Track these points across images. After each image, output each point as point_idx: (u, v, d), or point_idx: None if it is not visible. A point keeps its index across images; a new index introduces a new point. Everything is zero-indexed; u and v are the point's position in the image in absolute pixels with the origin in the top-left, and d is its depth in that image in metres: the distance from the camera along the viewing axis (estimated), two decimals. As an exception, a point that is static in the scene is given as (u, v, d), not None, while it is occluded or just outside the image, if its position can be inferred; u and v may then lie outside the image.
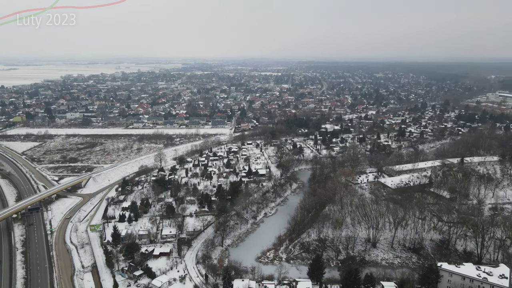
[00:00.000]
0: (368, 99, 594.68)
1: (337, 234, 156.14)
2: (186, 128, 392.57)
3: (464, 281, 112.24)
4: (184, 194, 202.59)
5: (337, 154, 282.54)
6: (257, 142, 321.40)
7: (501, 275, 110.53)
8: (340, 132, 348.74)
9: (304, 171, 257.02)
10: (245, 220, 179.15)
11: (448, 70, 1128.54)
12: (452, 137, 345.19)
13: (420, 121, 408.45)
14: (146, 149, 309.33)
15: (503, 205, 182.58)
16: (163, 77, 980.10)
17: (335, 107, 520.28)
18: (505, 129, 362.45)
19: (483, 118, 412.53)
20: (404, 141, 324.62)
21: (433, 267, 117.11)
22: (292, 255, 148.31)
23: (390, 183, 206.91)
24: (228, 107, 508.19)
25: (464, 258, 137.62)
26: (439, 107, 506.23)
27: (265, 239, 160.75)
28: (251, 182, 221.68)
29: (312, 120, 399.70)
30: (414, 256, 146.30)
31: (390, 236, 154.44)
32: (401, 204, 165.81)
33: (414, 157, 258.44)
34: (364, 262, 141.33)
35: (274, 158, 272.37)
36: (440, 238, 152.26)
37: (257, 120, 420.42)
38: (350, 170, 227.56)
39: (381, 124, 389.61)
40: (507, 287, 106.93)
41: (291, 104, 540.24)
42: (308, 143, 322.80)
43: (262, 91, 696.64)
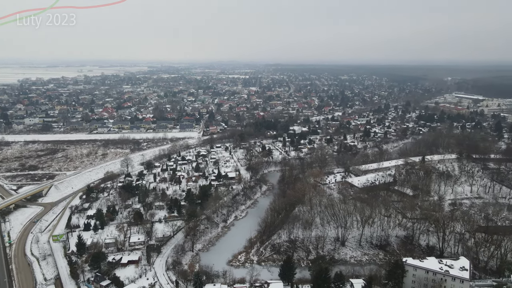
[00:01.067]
0: (334, 101, 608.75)
1: (307, 234, 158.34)
2: (154, 132, 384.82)
3: (428, 274, 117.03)
4: (153, 199, 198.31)
5: (305, 155, 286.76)
6: (226, 145, 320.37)
7: (462, 267, 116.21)
8: (308, 134, 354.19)
9: (274, 173, 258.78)
10: (215, 224, 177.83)
11: (408, 72, 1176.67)
12: (413, 136, 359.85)
13: (383, 122, 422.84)
14: (111, 154, 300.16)
15: (461, 200, 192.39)
16: (129, 80, 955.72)
17: (303, 109, 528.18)
18: (462, 128, 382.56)
19: (442, 118, 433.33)
20: (369, 141, 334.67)
21: (399, 263, 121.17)
22: (263, 257, 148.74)
23: (357, 183, 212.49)
24: (196, 110, 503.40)
25: (427, 253, 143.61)
26: (401, 108, 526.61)
27: (236, 242, 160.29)
28: (220, 186, 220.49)
29: (280, 122, 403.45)
30: (381, 252, 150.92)
31: (358, 234, 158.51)
32: (368, 202, 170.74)
33: (379, 156, 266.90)
34: (333, 261, 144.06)
35: (244, 160, 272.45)
36: (405, 234, 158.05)
37: (225, 123, 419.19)
38: (319, 171, 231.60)
39: (347, 125, 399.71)
40: (467, 278, 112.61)
41: (259, 107, 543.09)
42: (276, 145, 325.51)
43: (230, 94, 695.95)
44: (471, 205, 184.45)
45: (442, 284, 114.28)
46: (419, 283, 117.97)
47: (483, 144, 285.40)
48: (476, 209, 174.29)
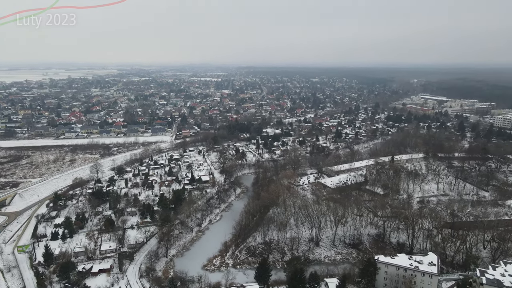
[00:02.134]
0: (306, 103, 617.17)
1: (282, 236, 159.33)
2: (124, 136, 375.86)
3: (399, 271, 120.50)
4: (124, 205, 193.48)
5: (278, 157, 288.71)
6: (199, 148, 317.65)
7: (430, 263, 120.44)
8: (281, 136, 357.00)
9: (248, 175, 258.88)
10: (189, 229, 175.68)
11: (376, 74, 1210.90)
12: (383, 137, 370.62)
13: (354, 123, 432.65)
14: (80, 160, 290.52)
15: (428, 198, 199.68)
16: (97, 83, 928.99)
17: (275, 111, 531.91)
18: (427, 128, 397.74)
19: (409, 119, 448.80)
20: (341, 142, 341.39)
21: (371, 261, 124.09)
22: (238, 260, 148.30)
23: (329, 183, 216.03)
24: (168, 114, 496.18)
25: (398, 250, 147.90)
26: (371, 109, 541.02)
27: (211, 246, 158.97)
28: (194, 190, 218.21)
29: (254, 124, 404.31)
30: (354, 251, 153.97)
31: (331, 234, 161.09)
32: (341, 202, 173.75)
33: (351, 157, 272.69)
34: (308, 261, 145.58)
35: (217, 164, 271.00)
36: (376, 232, 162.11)
37: (198, 126, 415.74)
38: (292, 173, 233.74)
39: (319, 126, 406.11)
40: (435, 273, 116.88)
41: (232, 109, 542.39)
42: (250, 147, 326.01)
43: (203, 97, 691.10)
44: (437, 202, 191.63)
45: (412, 279, 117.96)
46: (391, 280, 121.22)
47: (447, 143, 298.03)
48: (443, 206, 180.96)
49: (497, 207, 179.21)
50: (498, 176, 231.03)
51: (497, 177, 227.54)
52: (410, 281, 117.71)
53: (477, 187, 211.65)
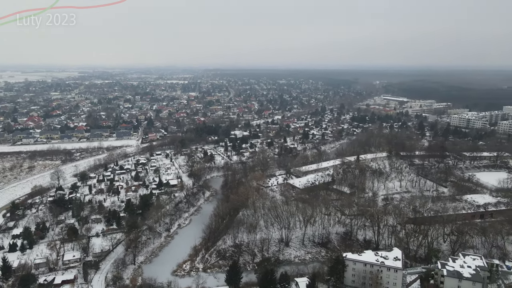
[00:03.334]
0: (273, 104, 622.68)
1: (252, 237, 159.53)
2: (88, 141, 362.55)
3: (366, 267, 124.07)
4: (89, 213, 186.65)
5: (247, 159, 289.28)
6: (167, 152, 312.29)
7: (395, 258, 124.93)
8: (249, 138, 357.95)
9: (216, 178, 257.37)
10: (158, 234, 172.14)
11: (341, 76, 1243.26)
12: (348, 137, 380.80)
13: (321, 124, 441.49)
14: (39, 167, 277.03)
15: (392, 195, 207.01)
16: (57, 86, 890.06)
17: (243, 113, 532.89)
18: (390, 128, 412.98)
19: (372, 119, 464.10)
20: (308, 143, 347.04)
21: (339, 258, 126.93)
22: (209, 264, 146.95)
23: (298, 184, 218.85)
24: (134, 117, 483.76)
25: (364, 246, 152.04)
26: (336, 110, 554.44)
27: (180, 251, 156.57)
28: (162, 194, 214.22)
29: (222, 127, 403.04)
30: (323, 250, 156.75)
31: (301, 234, 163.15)
32: (309, 202, 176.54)
33: (318, 157, 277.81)
34: (279, 262, 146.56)
35: (185, 167, 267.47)
36: (344, 230, 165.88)
37: (165, 129, 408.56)
38: (261, 174, 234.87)
39: (287, 128, 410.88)
40: (400, 267, 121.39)
41: (200, 112, 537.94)
42: (218, 150, 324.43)
43: (169, 99, 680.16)
44: (401, 199, 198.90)
45: (379, 275, 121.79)
46: (358, 276, 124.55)
47: (409, 142, 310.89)
48: (406, 202, 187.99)
49: (455, 202, 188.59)
50: (455, 172, 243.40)
51: (454, 174, 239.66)
52: (376, 277, 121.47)
53: (437, 184, 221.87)
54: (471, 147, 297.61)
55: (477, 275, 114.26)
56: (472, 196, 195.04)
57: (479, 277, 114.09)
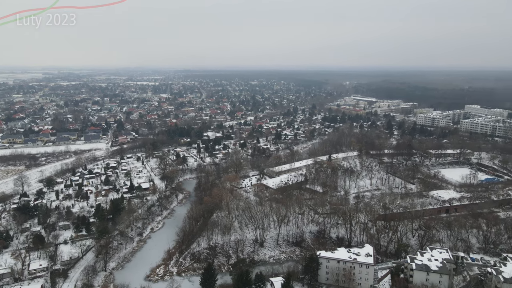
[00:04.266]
0: (246, 105, 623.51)
1: (226, 239, 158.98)
2: (54, 145, 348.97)
3: (339, 264, 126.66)
4: (56, 219, 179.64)
5: (220, 160, 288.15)
6: (138, 155, 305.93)
7: (367, 254, 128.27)
8: (222, 139, 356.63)
9: (190, 180, 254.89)
10: (130, 239, 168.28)
11: (312, 77, 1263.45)
12: (320, 137, 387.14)
13: (293, 124, 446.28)
14: (1, 173, 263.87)
15: (363, 193, 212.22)
16: (20, 88, 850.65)
17: (216, 114, 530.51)
18: (360, 128, 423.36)
19: (343, 119, 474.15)
20: (281, 144, 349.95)
21: (313, 256, 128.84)
22: (183, 267, 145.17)
23: (271, 184, 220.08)
24: (103, 120, 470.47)
25: (337, 244, 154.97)
26: (308, 110, 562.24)
27: (153, 255, 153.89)
28: (134, 198, 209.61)
29: (194, 128, 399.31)
30: (297, 249, 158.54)
31: (275, 234, 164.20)
32: (283, 202, 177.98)
33: (291, 157, 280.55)
34: (254, 263, 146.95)
35: (157, 170, 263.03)
36: (317, 229, 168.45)
37: (136, 132, 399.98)
38: (234, 175, 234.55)
39: (260, 129, 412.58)
40: (372, 263, 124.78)
41: (171, 114, 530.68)
42: (191, 152, 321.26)
43: (140, 101, 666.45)
44: (371, 196, 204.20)
45: (352, 271, 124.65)
46: (332, 273, 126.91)
47: (378, 141, 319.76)
48: (376, 199, 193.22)
49: (422, 198, 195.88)
50: (422, 169, 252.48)
51: (421, 171, 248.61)
52: (349, 273, 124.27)
53: (405, 181, 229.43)
54: (436, 145, 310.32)
55: (443, 268, 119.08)
56: (438, 192, 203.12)
57: (445, 269, 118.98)
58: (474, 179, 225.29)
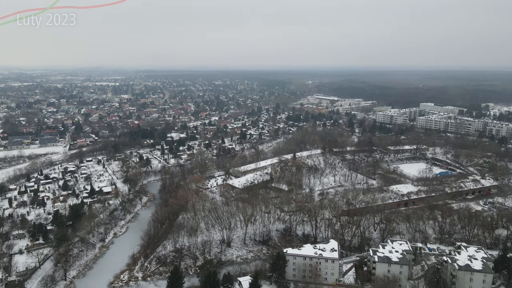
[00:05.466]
0: (210, 105, 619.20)
1: (193, 241, 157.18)
2: (5, 150, 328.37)
3: (305, 260, 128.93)
4: (10, 228, 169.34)
5: (185, 162, 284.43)
6: (99, 158, 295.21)
7: (332, 249, 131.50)
8: (186, 140, 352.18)
9: (154, 182, 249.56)
10: (92, 245, 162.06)
11: (276, 76, 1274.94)
12: (285, 136, 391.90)
13: (257, 124, 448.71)
14: None
15: (327, 190, 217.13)
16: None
17: (179, 115, 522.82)
18: (323, 126, 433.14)
19: (307, 118, 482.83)
20: (246, 143, 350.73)
21: (280, 254, 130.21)
22: (148, 272, 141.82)
23: (237, 184, 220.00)
24: (60, 122, 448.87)
25: (303, 241, 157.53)
26: (272, 110, 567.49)
27: (117, 261, 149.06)
28: (95, 202, 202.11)
29: (157, 130, 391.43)
30: (264, 247, 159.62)
31: (242, 233, 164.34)
32: (249, 202, 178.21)
33: (256, 157, 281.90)
34: (221, 263, 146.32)
35: (120, 173, 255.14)
36: (284, 227, 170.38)
37: (96, 134, 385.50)
38: (200, 176, 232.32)
39: (224, 129, 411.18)
40: (337, 258, 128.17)
41: (133, 115, 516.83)
42: (155, 153, 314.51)
43: (99, 102, 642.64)
44: (335, 193, 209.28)
45: (318, 266, 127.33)
46: (299, 269, 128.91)
47: (340, 139, 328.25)
48: (339, 196, 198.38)
49: (383, 192, 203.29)
50: (382, 165, 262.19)
51: (381, 166, 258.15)
52: (315, 268, 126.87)
53: (366, 176, 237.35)
54: (395, 141, 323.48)
55: (403, 259, 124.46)
56: (397, 187, 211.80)
57: (405, 260, 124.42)
58: (430, 173, 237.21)
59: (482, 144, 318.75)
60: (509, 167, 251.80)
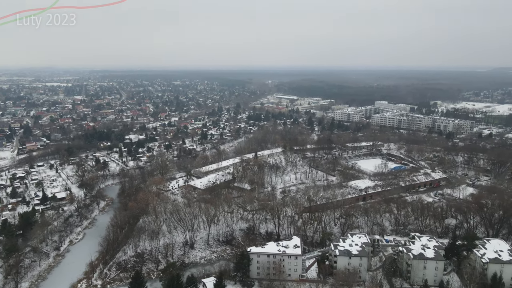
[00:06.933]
0: (169, 106, 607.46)
1: (154, 244, 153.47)
2: None
3: (269, 258, 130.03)
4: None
5: (145, 164, 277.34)
6: (51, 162, 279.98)
7: (295, 245, 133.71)
8: (145, 142, 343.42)
9: (112, 186, 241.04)
10: (45, 254, 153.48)
11: (235, 76, 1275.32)
12: (246, 135, 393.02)
13: (218, 124, 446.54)
14: None
15: (289, 187, 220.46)
16: None
17: (138, 116, 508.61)
18: (283, 125, 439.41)
19: (267, 117, 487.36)
20: (207, 144, 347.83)
21: (244, 253, 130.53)
22: (108, 279, 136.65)
23: (199, 185, 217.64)
24: (6, 126, 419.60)
25: (267, 239, 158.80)
26: (233, 109, 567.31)
27: (74, 269, 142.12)
28: (48, 209, 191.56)
29: (114, 131, 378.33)
30: (228, 247, 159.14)
31: (205, 234, 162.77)
32: (212, 202, 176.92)
33: (218, 157, 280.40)
34: (184, 266, 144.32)
35: (75, 177, 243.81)
36: (247, 226, 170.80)
37: (47, 137, 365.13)
38: (160, 178, 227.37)
39: (185, 129, 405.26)
40: (299, 254, 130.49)
41: (88, 117, 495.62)
42: (112, 156, 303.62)
43: (51, 104, 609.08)
44: (297, 190, 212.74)
45: (281, 263, 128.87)
46: (263, 267, 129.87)
47: (300, 137, 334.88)
48: (301, 193, 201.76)
49: (342, 188, 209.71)
50: (341, 162, 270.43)
51: (340, 163, 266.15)
52: (279, 265, 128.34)
53: (326, 173, 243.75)
54: (352, 138, 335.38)
55: (363, 251, 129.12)
56: (355, 182, 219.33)
57: (364, 252, 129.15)
58: (385, 168, 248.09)
59: (432, 139, 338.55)
60: (456, 160, 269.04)
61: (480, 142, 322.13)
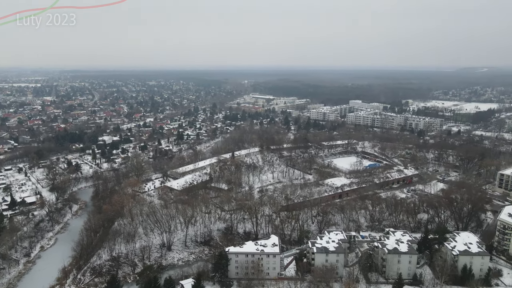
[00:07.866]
0: (144, 107, 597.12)
1: (130, 247, 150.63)
2: None
3: (248, 257, 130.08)
4: None
5: (119, 165, 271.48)
6: (20, 166, 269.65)
7: (273, 244, 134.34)
8: (120, 143, 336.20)
9: (86, 189, 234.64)
10: (15, 262, 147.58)
11: (211, 76, 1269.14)
12: (223, 135, 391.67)
13: (195, 124, 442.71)
14: None
15: (266, 186, 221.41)
16: None
17: (111, 117, 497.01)
18: (260, 124, 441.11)
19: (244, 117, 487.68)
20: (184, 144, 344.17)
21: (222, 253, 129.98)
22: (82, 284, 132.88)
23: (176, 186, 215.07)
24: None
25: (245, 238, 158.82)
26: (209, 110, 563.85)
27: (45, 276, 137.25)
28: (17, 215, 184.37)
29: (87, 133, 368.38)
30: (206, 248, 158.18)
31: (182, 235, 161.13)
32: (189, 203, 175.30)
33: (194, 157, 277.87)
34: (162, 268, 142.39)
35: (46, 181, 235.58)
36: (225, 226, 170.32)
37: (15, 140, 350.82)
38: (136, 180, 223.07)
39: (160, 130, 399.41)
40: (278, 252, 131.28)
41: (59, 118, 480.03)
42: (85, 158, 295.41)
43: (18, 105, 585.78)
44: (274, 189, 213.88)
45: (260, 262, 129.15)
46: (241, 267, 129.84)
47: (277, 137, 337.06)
48: (278, 192, 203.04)
49: (319, 186, 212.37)
50: (317, 160, 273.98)
51: (316, 161, 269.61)
52: (258, 264, 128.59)
53: (303, 172, 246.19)
54: (328, 137, 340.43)
55: (339, 248, 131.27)
56: (331, 180, 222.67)
57: (341, 249, 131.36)
58: (360, 165, 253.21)
59: (404, 137, 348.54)
60: (427, 157, 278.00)
61: (449, 139, 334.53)
